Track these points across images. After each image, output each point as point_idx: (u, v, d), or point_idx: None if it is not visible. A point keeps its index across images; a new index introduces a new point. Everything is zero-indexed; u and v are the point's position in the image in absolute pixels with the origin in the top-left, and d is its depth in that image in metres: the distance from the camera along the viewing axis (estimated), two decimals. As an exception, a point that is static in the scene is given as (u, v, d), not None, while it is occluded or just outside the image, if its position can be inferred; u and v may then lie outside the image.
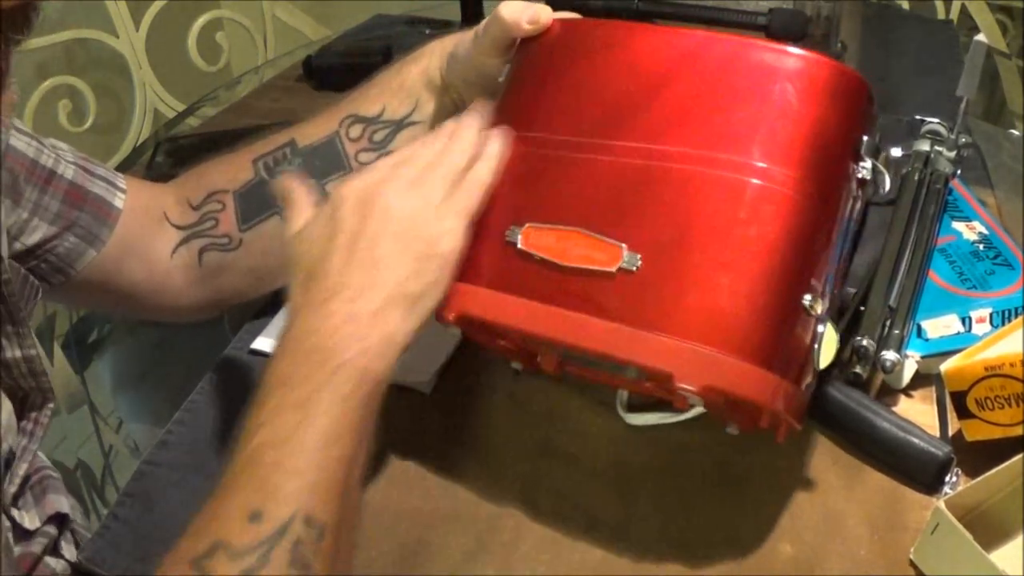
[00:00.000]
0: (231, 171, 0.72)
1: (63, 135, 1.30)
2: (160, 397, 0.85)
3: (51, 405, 0.60)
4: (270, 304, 0.77)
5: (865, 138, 0.54)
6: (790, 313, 0.50)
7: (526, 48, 0.62)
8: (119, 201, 0.68)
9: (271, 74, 1.28)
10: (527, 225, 0.54)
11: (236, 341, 0.74)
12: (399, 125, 0.70)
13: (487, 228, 0.56)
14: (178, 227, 0.71)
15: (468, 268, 0.55)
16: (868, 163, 0.54)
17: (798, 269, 0.50)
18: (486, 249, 0.55)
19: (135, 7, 1.46)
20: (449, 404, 0.67)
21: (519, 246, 0.54)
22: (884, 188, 0.56)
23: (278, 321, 0.75)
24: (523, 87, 0.61)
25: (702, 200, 0.51)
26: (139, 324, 0.86)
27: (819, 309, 0.51)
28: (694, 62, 0.54)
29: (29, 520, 0.60)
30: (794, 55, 0.53)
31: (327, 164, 0.71)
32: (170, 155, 1.06)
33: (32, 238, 0.64)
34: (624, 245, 0.51)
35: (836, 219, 0.53)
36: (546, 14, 0.62)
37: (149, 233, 0.70)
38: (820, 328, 0.51)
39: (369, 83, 0.72)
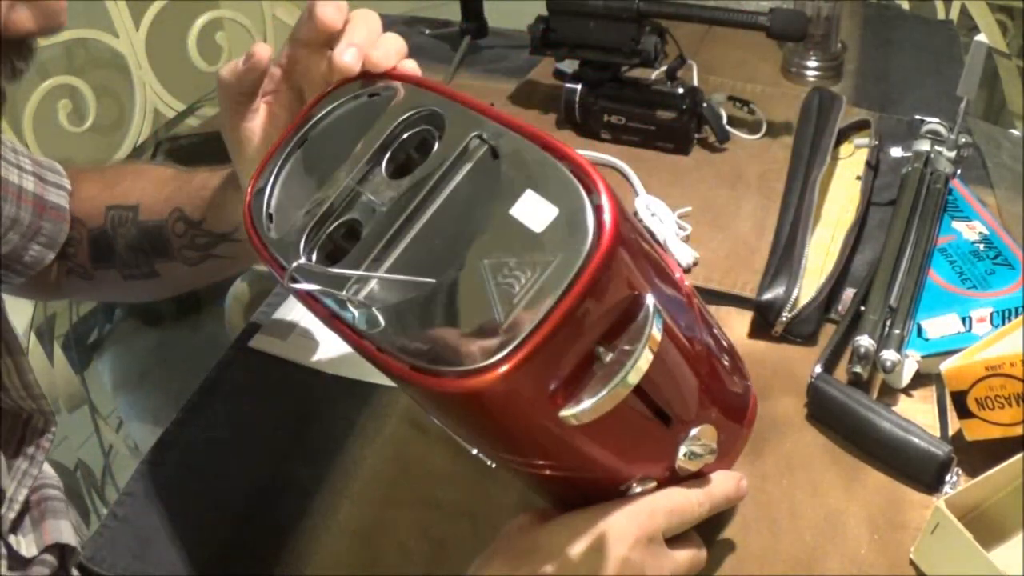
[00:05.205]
0: (86, 206, 0.70)
1: (63, 135, 1.30)
2: (160, 397, 0.85)
3: (54, 429, 0.60)
4: (270, 304, 0.77)
5: None
6: None
7: None
8: (68, 202, 0.69)
9: (271, 74, 1.27)
10: None
11: (236, 341, 0.74)
12: (222, 238, 0.66)
13: None
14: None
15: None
16: None
17: None
18: None
19: (135, 7, 1.46)
20: (449, 404, 0.67)
21: None
22: None
23: (276, 320, 0.75)
24: None
25: None
26: (139, 324, 0.86)
27: None
28: None
29: (26, 547, 0.59)
30: None
31: (155, 247, 0.68)
32: (170, 155, 1.06)
33: (2, 249, 0.65)
34: None
35: None
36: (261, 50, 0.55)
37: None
38: None
39: (207, 183, 0.66)
